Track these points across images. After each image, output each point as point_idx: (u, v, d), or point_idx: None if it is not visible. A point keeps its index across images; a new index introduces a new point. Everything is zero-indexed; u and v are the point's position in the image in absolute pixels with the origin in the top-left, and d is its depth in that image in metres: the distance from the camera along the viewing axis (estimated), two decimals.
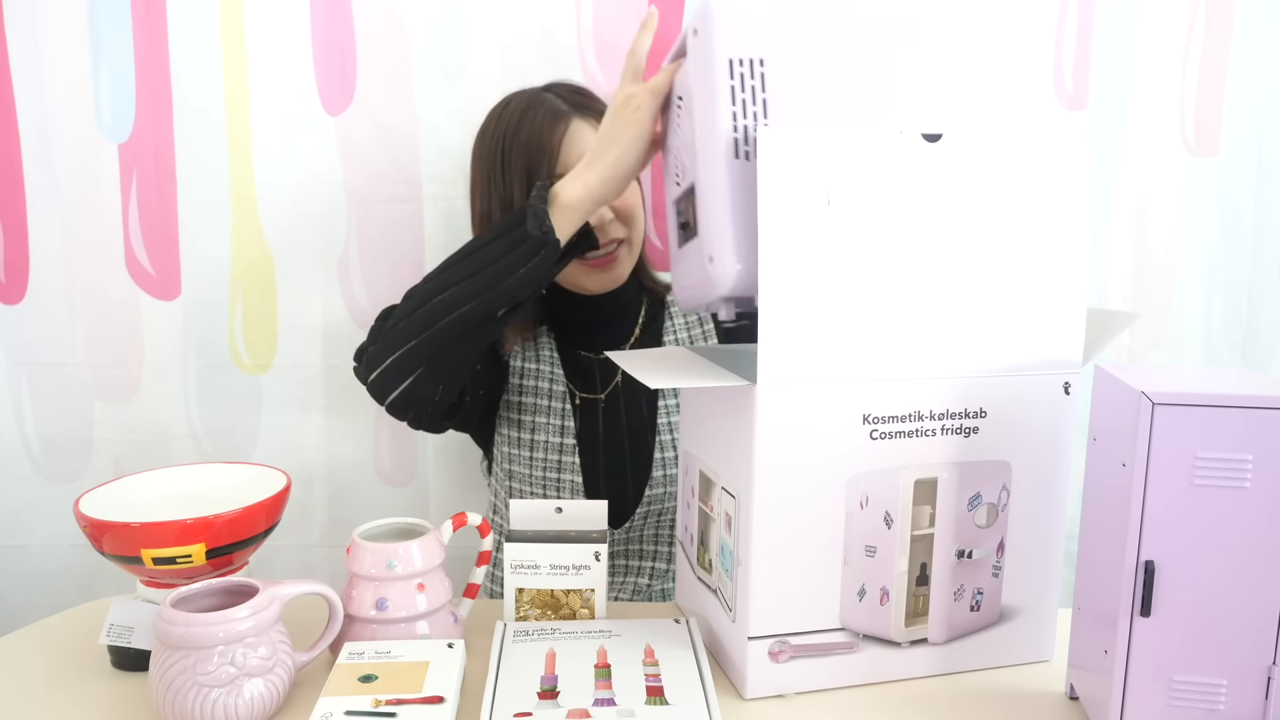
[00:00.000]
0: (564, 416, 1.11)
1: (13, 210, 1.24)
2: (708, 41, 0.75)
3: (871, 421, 0.74)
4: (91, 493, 0.86)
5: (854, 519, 0.76)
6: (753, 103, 0.75)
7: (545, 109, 1.04)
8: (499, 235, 0.91)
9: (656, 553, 1.14)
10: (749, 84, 0.75)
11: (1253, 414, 0.62)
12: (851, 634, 0.78)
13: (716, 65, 0.75)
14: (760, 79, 0.75)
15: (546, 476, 1.11)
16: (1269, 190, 1.25)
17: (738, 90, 0.75)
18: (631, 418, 1.12)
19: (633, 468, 1.12)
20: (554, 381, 1.12)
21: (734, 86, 0.75)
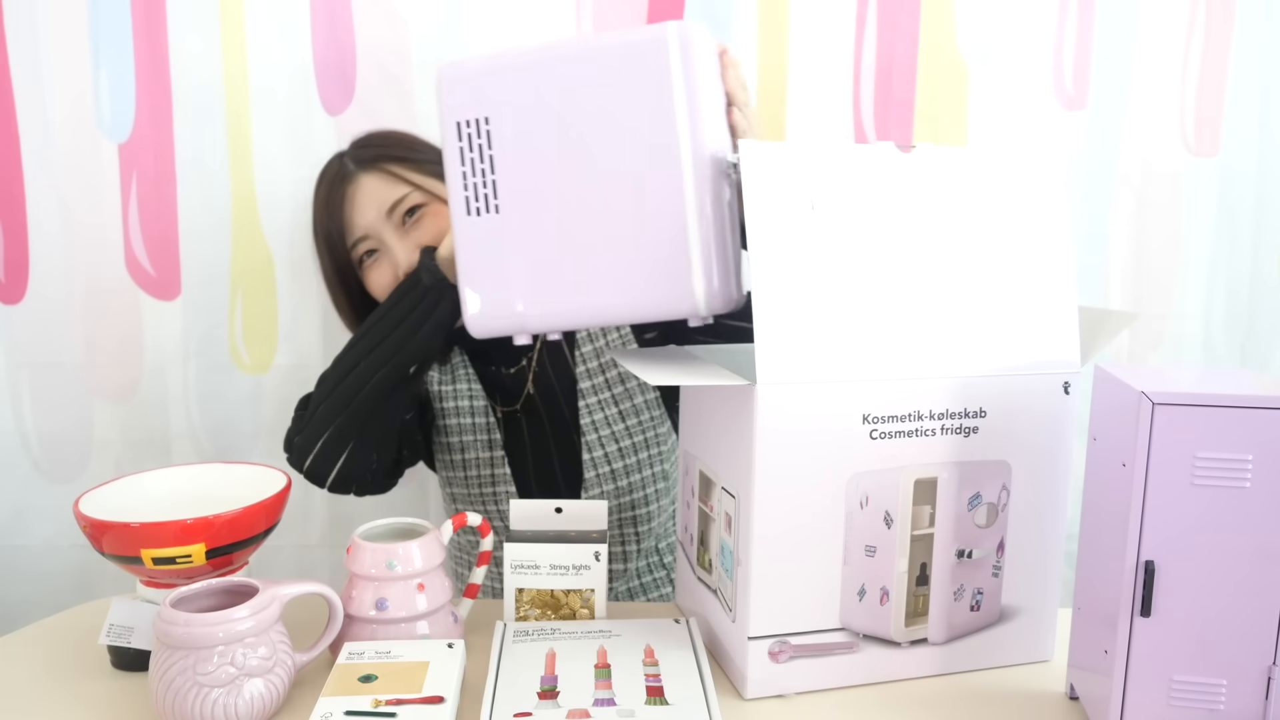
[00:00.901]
0: (489, 431, 1.11)
1: (13, 210, 1.24)
2: (439, 108, 0.81)
3: (871, 421, 0.74)
4: (91, 493, 0.86)
5: (854, 519, 0.76)
6: (480, 161, 0.80)
7: (331, 177, 1.06)
8: (396, 300, 0.96)
9: (610, 554, 1.14)
10: (476, 143, 0.80)
11: (1253, 414, 0.62)
12: (851, 634, 0.78)
13: (446, 130, 0.81)
14: (486, 137, 0.80)
15: (483, 491, 1.12)
16: (1269, 190, 1.25)
17: (466, 151, 0.80)
18: (554, 422, 1.12)
19: (563, 472, 1.11)
20: (474, 398, 1.12)
21: (462, 148, 0.80)
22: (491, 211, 0.80)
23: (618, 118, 0.78)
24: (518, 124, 0.80)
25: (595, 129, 0.79)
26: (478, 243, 0.81)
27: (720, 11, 1.20)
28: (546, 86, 0.79)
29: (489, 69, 0.81)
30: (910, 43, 1.22)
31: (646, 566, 1.16)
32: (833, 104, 1.23)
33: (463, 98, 0.81)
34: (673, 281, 0.78)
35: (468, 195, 0.81)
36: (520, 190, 0.80)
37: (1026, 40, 1.22)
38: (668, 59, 0.77)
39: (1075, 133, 1.24)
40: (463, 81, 0.81)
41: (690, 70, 0.77)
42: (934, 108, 1.23)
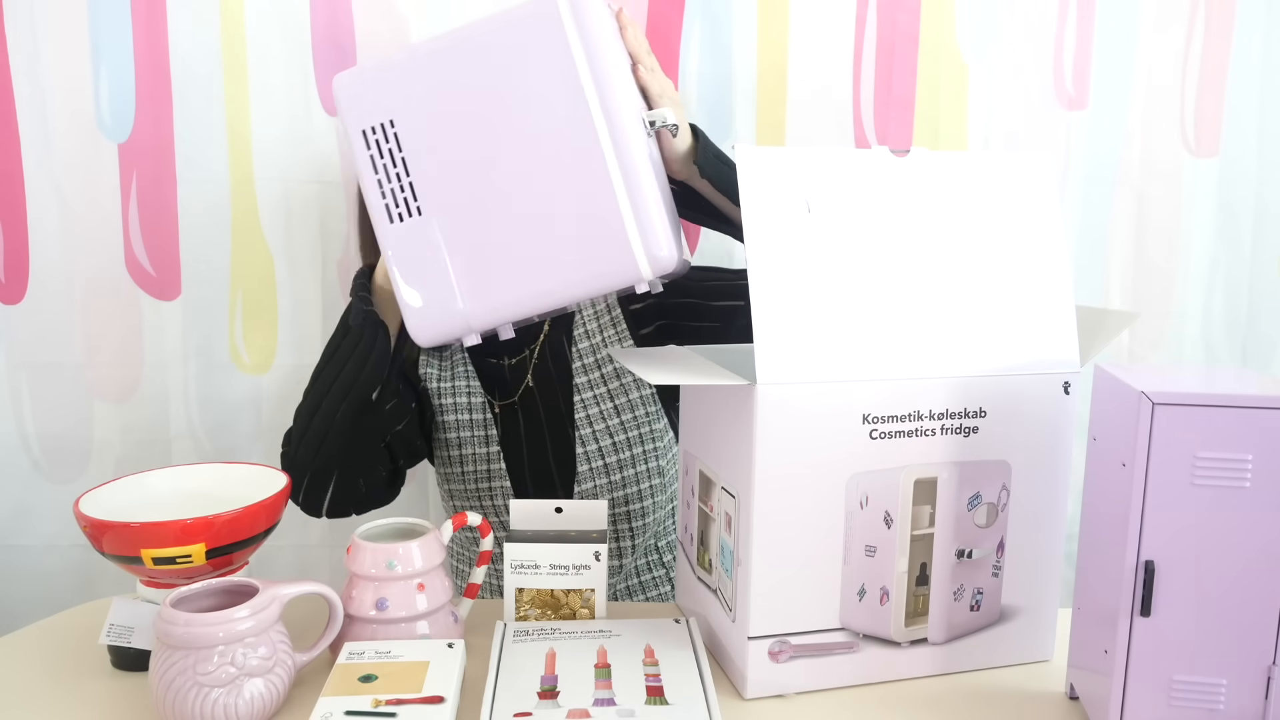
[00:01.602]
0: (486, 427, 1.11)
1: (13, 210, 1.24)
2: (342, 121, 0.80)
3: (871, 421, 0.75)
4: (91, 493, 0.86)
5: (854, 519, 0.76)
6: (394, 165, 0.79)
7: None
8: (339, 339, 0.99)
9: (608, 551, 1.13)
10: (385, 148, 0.78)
11: (1253, 414, 0.62)
12: (851, 634, 0.78)
13: (354, 141, 0.79)
14: (395, 140, 0.78)
15: (479, 488, 1.11)
16: (1269, 190, 1.25)
17: (377, 158, 0.79)
18: (550, 416, 1.11)
19: (558, 466, 1.11)
20: (471, 395, 1.12)
21: (373, 156, 0.79)
22: (414, 215, 0.79)
23: (523, 94, 0.77)
24: (424, 121, 0.78)
25: (503, 110, 0.77)
26: (406, 249, 0.79)
27: (720, 11, 1.20)
28: (445, 78, 0.78)
29: (385, 72, 0.79)
30: (910, 43, 1.21)
31: (645, 565, 1.16)
32: (833, 104, 1.23)
33: (364, 105, 0.79)
34: (612, 250, 0.77)
35: (387, 203, 0.79)
36: (439, 188, 0.78)
37: (1026, 40, 1.22)
38: (560, 24, 0.75)
39: (1075, 133, 1.24)
40: (361, 88, 0.79)
41: (586, 31, 0.76)
42: (934, 108, 1.23)
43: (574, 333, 1.12)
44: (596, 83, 0.76)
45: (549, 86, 0.76)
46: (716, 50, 1.22)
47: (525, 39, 0.77)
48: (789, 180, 0.74)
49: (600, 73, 0.76)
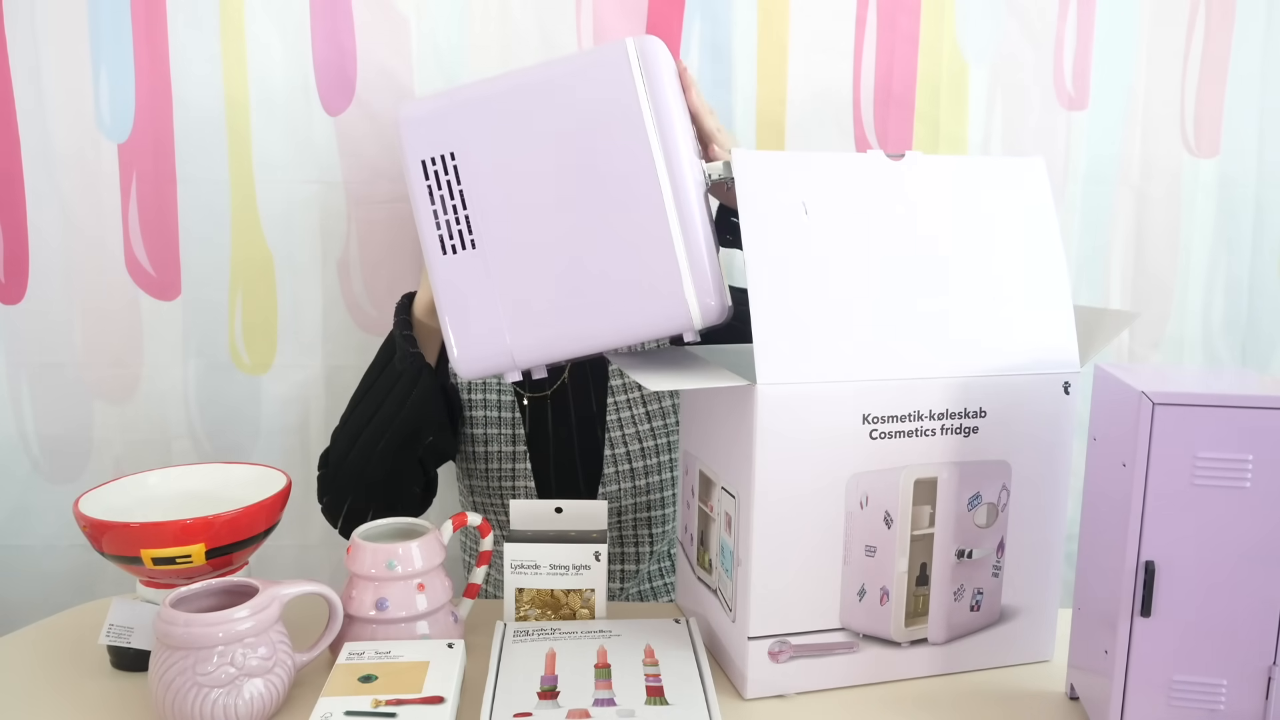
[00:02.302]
0: (514, 425, 1.11)
1: (13, 210, 1.24)
2: (400, 149, 0.80)
3: (871, 421, 0.75)
4: (91, 493, 0.86)
5: (854, 519, 0.76)
6: (450, 197, 0.79)
7: None
8: (383, 368, 1.00)
9: (624, 555, 1.14)
10: (444, 180, 0.79)
11: (1253, 414, 0.62)
12: (851, 634, 0.78)
13: (411, 170, 0.80)
14: (454, 173, 0.79)
15: (502, 485, 1.11)
16: (1269, 190, 1.25)
17: (435, 189, 0.79)
18: (580, 414, 1.12)
19: (583, 466, 1.11)
20: (501, 391, 1.12)
21: (430, 186, 0.79)
22: (468, 248, 0.79)
23: (587, 139, 0.77)
24: (485, 156, 0.78)
25: (565, 153, 0.77)
26: (457, 282, 0.79)
27: (720, 12, 1.20)
28: (510, 115, 0.78)
29: (450, 104, 0.80)
30: (910, 43, 1.21)
31: (659, 570, 1.16)
32: (833, 104, 1.23)
33: (426, 135, 0.79)
34: (664, 300, 0.77)
35: (441, 234, 0.79)
36: (495, 223, 0.78)
37: (1026, 40, 1.22)
38: (630, 72, 0.76)
39: (1075, 133, 1.24)
40: (425, 119, 0.80)
41: (654, 82, 0.76)
42: (934, 108, 1.23)
43: None
44: (661, 133, 0.76)
45: (614, 133, 0.77)
46: (716, 50, 1.22)
47: (594, 85, 0.77)
48: (786, 184, 0.75)
49: (665, 124, 0.76)
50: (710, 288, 0.77)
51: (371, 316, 1.28)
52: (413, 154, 0.80)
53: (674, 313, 0.77)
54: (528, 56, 1.21)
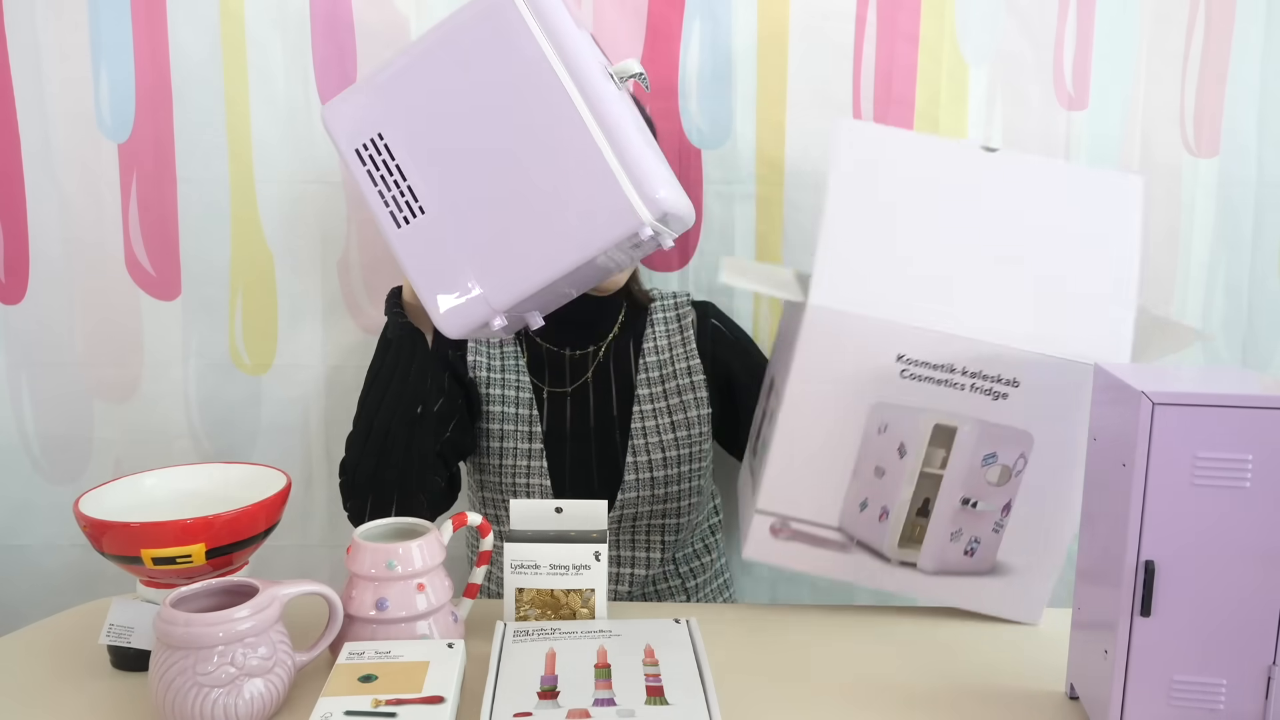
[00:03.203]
0: (531, 423, 1.11)
1: (13, 210, 1.24)
2: (335, 148, 0.85)
3: (905, 362, 0.79)
4: (91, 493, 0.86)
5: (870, 440, 0.81)
6: (390, 174, 0.83)
7: None
8: (383, 353, 1.04)
9: (634, 558, 1.14)
10: (380, 160, 0.83)
11: (1253, 414, 0.62)
12: (847, 536, 0.84)
13: (350, 162, 0.84)
14: (386, 151, 0.83)
15: (515, 482, 1.11)
16: (1269, 190, 1.25)
17: (374, 171, 0.84)
18: (600, 415, 1.12)
19: (599, 467, 1.11)
20: (520, 387, 1.12)
21: (369, 170, 0.84)
22: (417, 215, 0.83)
23: (495, 80, 0.81)
24: (409, 127, 0.83)
25: (480, 99, 0.81)
26: (417, 250, 0.83)
27: (720, 12, 1.20)
28: (420, 83, 0.82)
29: (363, 93, 0.84)
30: (910, 43, 1.21)
31: (663, 574, 1.16)
32: (833, 104, 1.23)
33: (351, 126, 0.84)
34: (607, 200, 0.80)
35: (391, 210, 0.83)
36: (436, 185, 0.82)
37: (1026, 40, 1.22)
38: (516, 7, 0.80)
39: (1075, 133, 1.24)
40: (345, 112, 0.85)
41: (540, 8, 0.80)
42: (934, 108, 1.23)
43: (643, 345, 1.14)
44: (559, 52, 0.80)
45: (515, 67, 0.80)
46: (716, 50, 1.22)
47: (486, 27, 0.81)
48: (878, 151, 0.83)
49: (559, 40, 0.80)
50: (651, 179, 0.80)
51: (371, 316, 1.28)
52: (346, 146, 0.84)
53: (620, 210, 0.80)
54: None
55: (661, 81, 1.22)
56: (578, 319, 1.13)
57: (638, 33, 1.21)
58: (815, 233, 0.83)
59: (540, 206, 0.81)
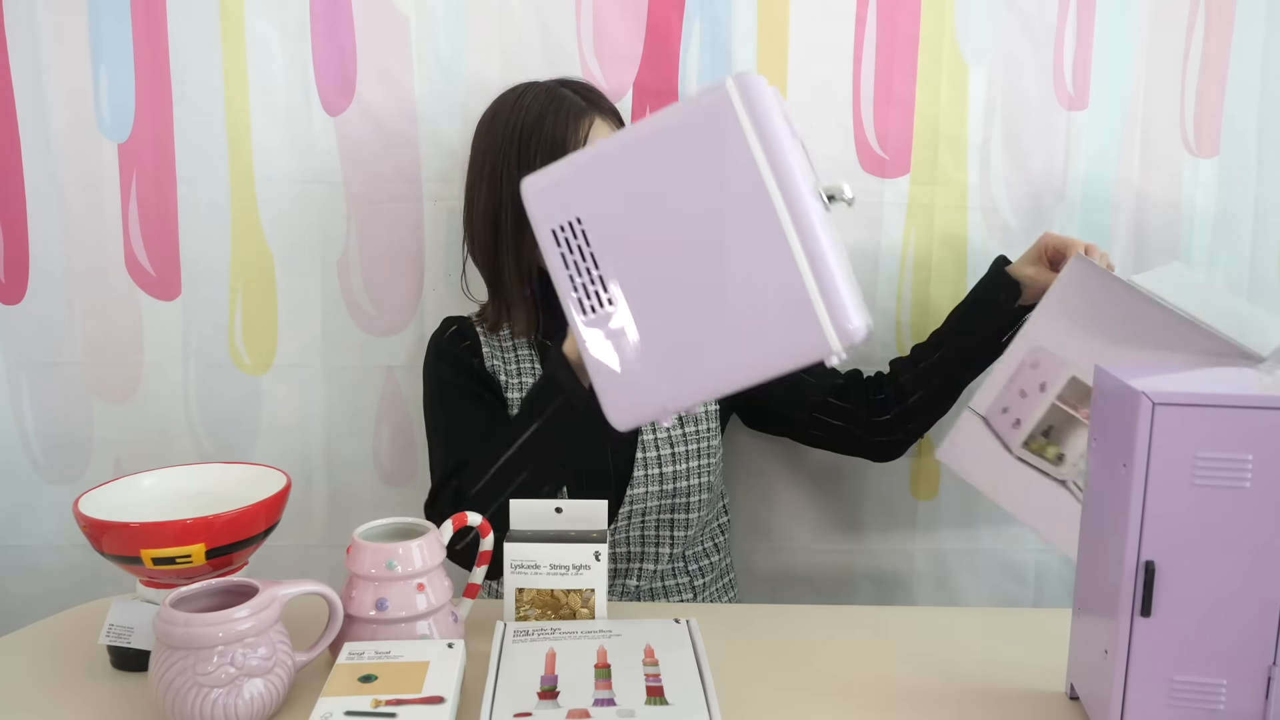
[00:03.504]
0: None
1: (13, 210, 1.24)
2: (532, 222, 0.82)
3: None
4: (91, 493, 0.86)
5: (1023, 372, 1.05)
6: (583, 260, 0.81)
7: (568, 105, 1.05)
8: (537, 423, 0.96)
9: (644, 554, 1.14)
10: (575, 245, 0.81)
11: (1253, 414, 0.62)
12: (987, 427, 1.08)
13: (544, 240, 0.81)
14: (583, 237, 0.80)
15: None
16: (1269, 190, 1.25)
17: (567, 255, 0.81)
18: None
19: (615, 466, 1.11)
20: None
21: (563, 253, 0.81)
22: (605, 306, 0.80)
23: (702, 182, 0.78)
24: (609, 216, 0.80)
25: (684, 199, 0.78)
26: (601, 340, 0.81)
27: (720, 12, 1.20)
28: (627, 174, 0.79)
29: (567, 172, 0.81)
30: (910, 43, 1.21)
31: (671, 571, 1.16)
32: (833, 104, 1.23)
33: (551, 205, 0.81)
34: (801, 328, 0.77)
35: (578, 296, 0.81)
36: (628, 279, 0.80)
37: (1026, 40, 1.22)
38: (734, 111, 0.76)
39: (1075, 133, 1.24)
40: (547, 190, 0.82)
41: (758, 116, 0.76)
42: (934, 108, 1.23)
43: None
44: (773, 166, 0.76)
45: (727, 174, 0.77)
46: (716, 50, 1.21)
47: (701, 129, 0.78)
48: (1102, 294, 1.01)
49: (775, 156, 0.76)
50: (846, 311, 0.77)
51: (371, 316, 1.28)
52: (543, 225, 0.81)
53: (813, 340, 0.78)
54: (528, 56, 1.21)
55: (662, 81, 1.22)
56: None
57: (638, 33, 1.21)
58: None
59: (731, 319, 0.79)
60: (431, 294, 1.27)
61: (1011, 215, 1.25)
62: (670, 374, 0.81)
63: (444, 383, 1.12)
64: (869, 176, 1.24)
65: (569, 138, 1.03)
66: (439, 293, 1.27)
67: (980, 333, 1.14)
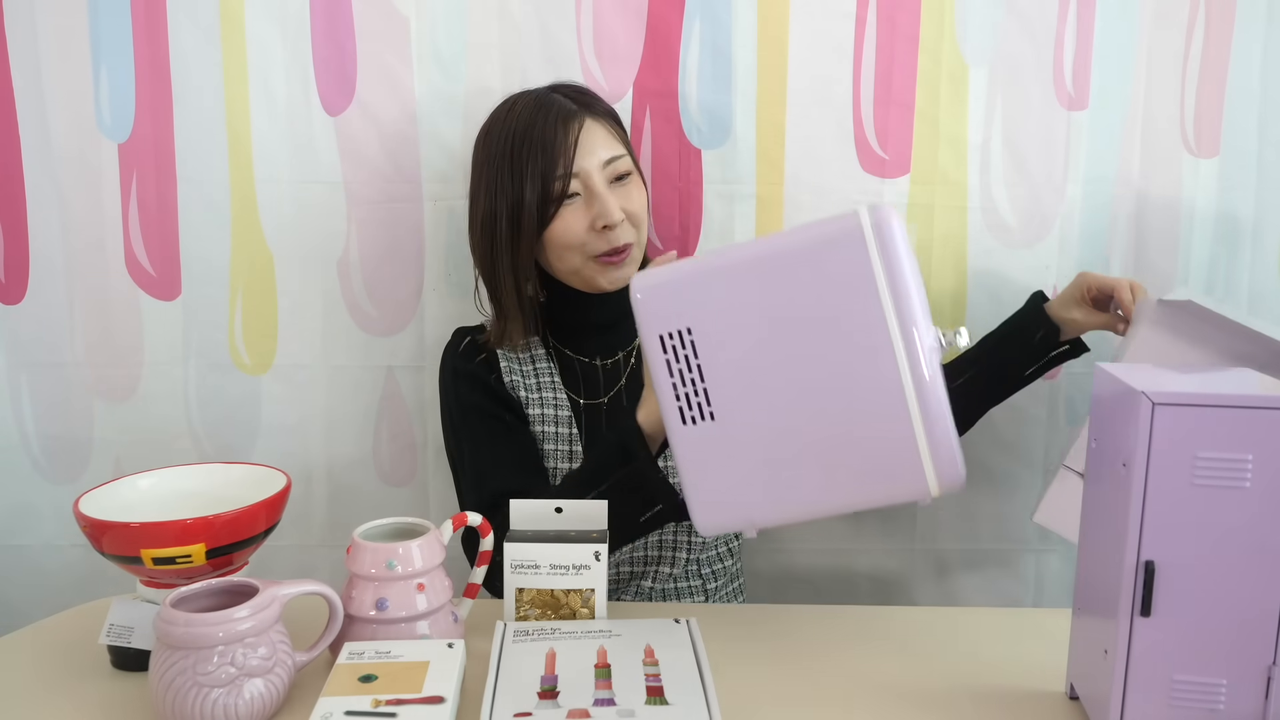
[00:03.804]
0: (571, 440, 1.11)
1: (13, 210, 1.24)
2: (638, 322, 0.80)
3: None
4: (91, 493, 0.86)
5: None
6: (689, 371, 0.79)
7: (556, 109, 1.05)
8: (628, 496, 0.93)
9: (661, 558, 1.14)
10: (681, 354, 0.79)
11: (1253, 414, 0.62)
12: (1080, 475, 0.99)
13: (649, 344, 0.80)
14: (691, 347, 0.79)
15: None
16: (1269, 190, 1.25)
17: (673, 363, 0.79)
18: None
19: None
20: (559, 406, 1.11)
21: (669, 360, 0.79)
22: (706, 419, 0.79)
23: (822, 311, 0.77)
24: (721, 330, 0.78)
25: (801, 324, 0.77)
26: (697, 450, 0.80)
27: (720, 12, 1.20)
28: (745, 290, 0.78)
29: (682, 278, 0.80)
30: (910, 43, 1.21)
31: (684, 574, 1.16)
32: (833, 104, 1.23)
33: (662, 310, 0.79)
34: (901, 473, 0.77)
35: (681, 405, 0.80)
36: (732, 395, 0.79)
37: (1026, 40, 1.22)
38: (864, 244, 0.75)
39: (1075, 133, 1.24)
40: (659, 293, 0.80)
41: (888, 253, 0.75)
42: (934, 108, 1.23)
43: None
44: (897, 307, 0.75)
45: (849, 307, 0.76)
46: (716, 50, 1.21)
47: (827, 256, 0.77)
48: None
49: (901, 296, 0.75)
50: (951, 459, 0.77)
51: (371, 316, 1.28)
52: (650, 329, 0.80)
53: (913, 483, 0.77)
54: (528, 56, 1.21)
55: (662, 82, 1.22)
56: (599, 322, 1.13)
57: (638, 33, 1.21)
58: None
59: (831, 450, 0.78)
60: (431, 294, 1.27)
61: (1011, 215, 1.25)
62: (763, 494, 0.80)
63: (464, 405, 1.11)
64: (869, 176, 1.24)
65: (558, 143, 1.03)
66: (439, 293, 1.27)
67: (1009, 367, 1.13)
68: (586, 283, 1.09)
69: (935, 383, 0.76)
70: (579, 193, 1.05)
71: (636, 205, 1.07)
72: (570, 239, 1.05)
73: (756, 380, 0.78)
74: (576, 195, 1.05)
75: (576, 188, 1.04)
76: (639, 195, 1.09)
